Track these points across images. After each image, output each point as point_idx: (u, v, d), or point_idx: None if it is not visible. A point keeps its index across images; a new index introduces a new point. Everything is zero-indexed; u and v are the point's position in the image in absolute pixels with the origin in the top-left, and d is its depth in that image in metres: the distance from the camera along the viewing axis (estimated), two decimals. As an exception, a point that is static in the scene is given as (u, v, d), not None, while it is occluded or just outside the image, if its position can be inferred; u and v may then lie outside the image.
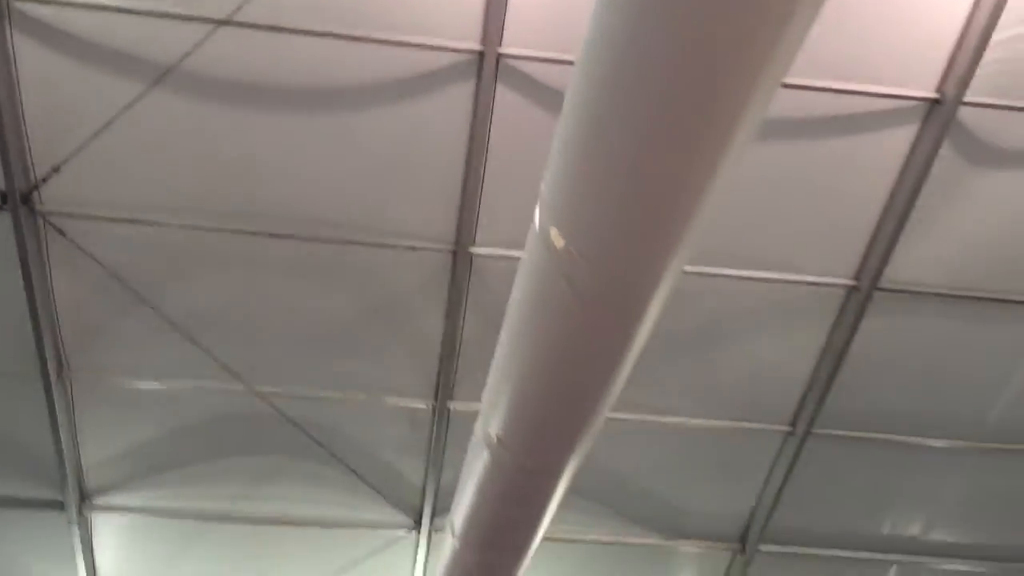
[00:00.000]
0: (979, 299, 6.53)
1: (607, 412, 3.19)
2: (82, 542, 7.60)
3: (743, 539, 7.99)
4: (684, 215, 2.27)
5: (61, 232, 5.95)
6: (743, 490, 7.76)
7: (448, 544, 4.44)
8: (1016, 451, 7.40)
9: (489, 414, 3.35)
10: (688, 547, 8.09)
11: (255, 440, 7.24)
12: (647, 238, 2.34)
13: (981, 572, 8.23)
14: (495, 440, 3.32)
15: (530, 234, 2.66)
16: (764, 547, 7.97)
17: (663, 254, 2.37)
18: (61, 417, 6.79)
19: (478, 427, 3.55)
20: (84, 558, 7.70)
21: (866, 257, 6.28)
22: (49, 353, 6.44)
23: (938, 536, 8.06)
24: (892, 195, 5.98)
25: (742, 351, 6.87)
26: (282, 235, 6.09)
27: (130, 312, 6.38)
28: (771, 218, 6.16)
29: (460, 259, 6.24)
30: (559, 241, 2.41)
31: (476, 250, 6.22)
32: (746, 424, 7.27)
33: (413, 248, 6.24)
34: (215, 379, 6.66)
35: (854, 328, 6.60)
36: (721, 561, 8.18)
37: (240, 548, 7.97)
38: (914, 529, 8.04)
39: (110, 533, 7.74)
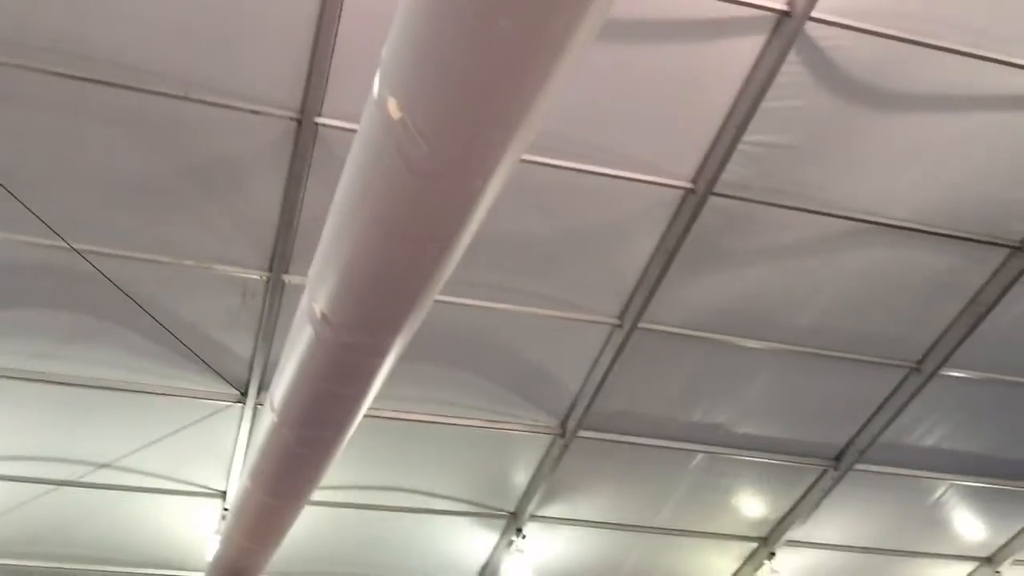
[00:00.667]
0: (802, 211, 6.86)
1: (437, 293, 3.17)
2: None
3: (564, 424, 8.33)
4: (527, 95, 2.21)
5: None
6: (567, 378, 8.05)
7: (267, 419, 4.38)
8: (821, 355, 7.96)
9: (315, 289, 3.26)
10: (511, 429, 8.37)
11: (71, 298, 6.89)
12: (488, 117, 2.27)
13: (777, 464, 8.93)
14: (319, 316, 3.25)
15: (368, 103, 2.55)
16: (583, 433, 8.34)
17: (503, 135, 2.32)
18: None
19: (303, 302, 3.46)
20: None
21: (705, 162, 6.46)
22: None
23: (742, 430, 8.66)
24: (735, 104, 6.12)
25: (577, 243, 7.01)
26: (114, 84, 5.66)
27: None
28: (616, 116, 6.19)
29: (305, 129, 6.01)
30: (396, 113, 2.32)
31: (322, 120, 6.00)
32: (575, 315, 7.48)
33: (256, 112, 5.95)
34: (29, 232, 6.25)
35: (687, 230, 6.83)
36: (542, 444, 8.52)
37: (52, 409, 7.67)
38: (721, 422, 8.60)
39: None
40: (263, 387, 7.44)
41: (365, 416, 5.21)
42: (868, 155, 6.53)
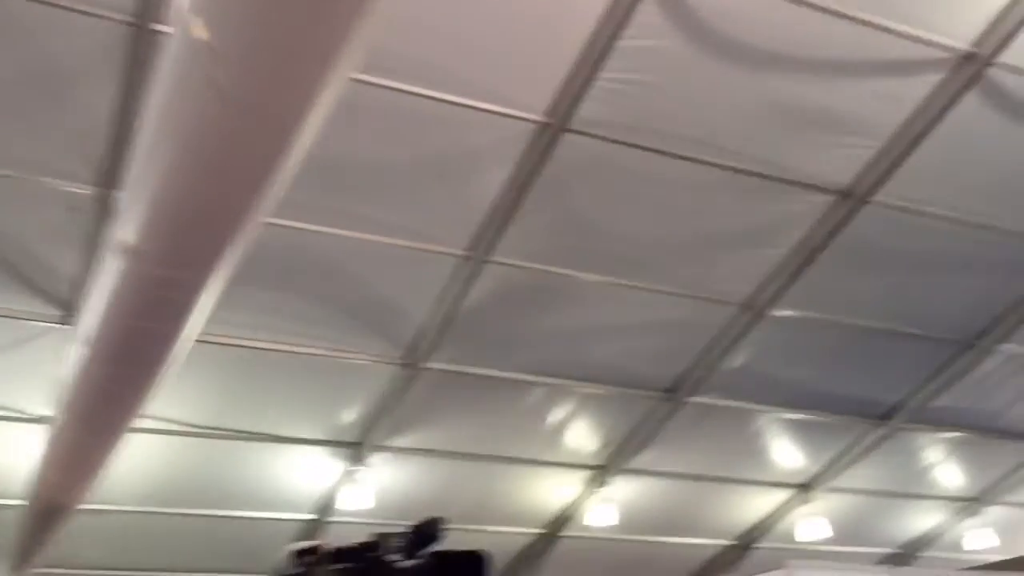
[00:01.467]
0: (660, 152, 6.93)
1: (262, 220, 3.00)
2: None
3: (411, 356, 8.30)
4: (347, 19, 2.03)
5: None
6: (415, 310, 7.99)
7: (78, 353, 4.12)
8: (660, 292, 8.19)
9: (125, 218, 3.04)
10: (357, 360, 8.27)
11: None
12: (305, 35, 2.10)
13: (616, 396, 9.21)
14: (129, 247, 3.03)
15: (172, 20, 2.33)
16: (430, 364, 8.33)
17: (323, 56, 2.16)
18: None
19: (114, 231, 3.23)
20: None
21: (560, 96, 6.43)
22: None
23: (584, 362, 8.85)
24: (593, 36, 6.09)
25: (427, 172, 6.91)
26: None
27: None
28: (471, 45, 6.05)
29: (143, 35, 5.60)
30: (202, 33, 2.12)
31: (162, 27, 5.60)
32: (424, 245, 7.40)
33: (86, 13, 5.50)
34: None
35: (540, 165, 6.83)
36: (387, 375, 8.47)
37: None
38: (563, 355, 8.76)
39: None
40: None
41: (204, 342, 5.01)
42: (720, 103, 6.65)
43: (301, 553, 2.27)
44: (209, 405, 8.39)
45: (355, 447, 9.14)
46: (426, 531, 2.41)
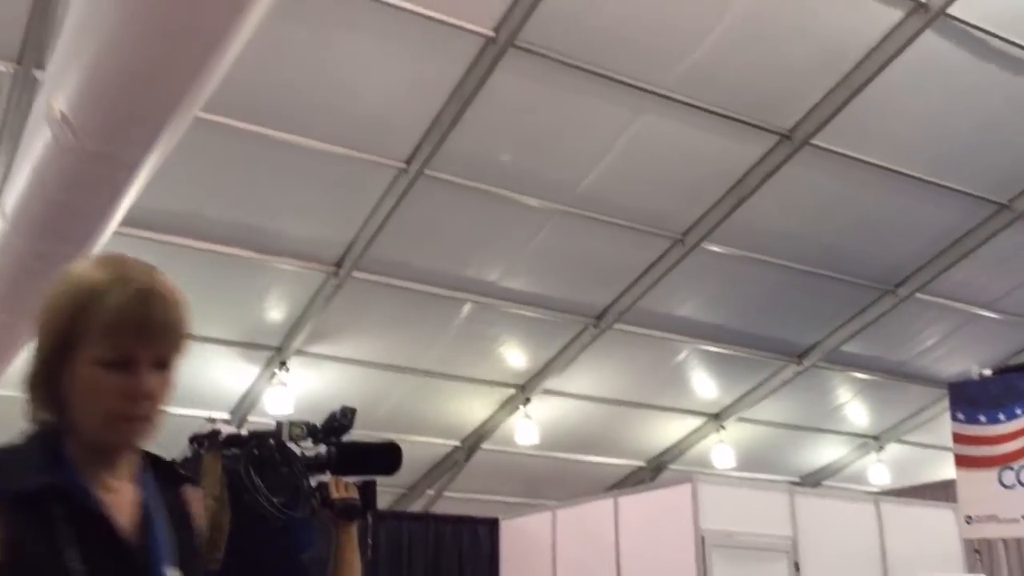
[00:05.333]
0: (597, 74, 6.88)
1: (201, 99, 2.84)
2: None
3: (339, 264, 8.19)
4: None
5: None
6: (347, 218, 7.86)
7: (-2, 227, 3.93)
8: (595, 219, 8.21)
9: (56, 85, 2.84)
10: (284, 264, 8.13)
11: None
12: None
13: (542, 318, 9.27)
14: (60, 117, 2.84)
15: None
16: (357, 274, 8.24)
17: None
18: None
19: (41, 98, 3.03)
20: None
21: (509, 12, 6.29)
22: None
23: (512, 284, 8.87)
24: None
25: (369, 80, 6.73)
26: None
27: None
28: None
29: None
30: None
31: None
32: (362, 155, 7.25)
33: None
34: None
35: (483, 79, 6.70)
36: (314, 282, 8.35)
37: None
38: (494, 275, 8.76)
39: None
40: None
41: (121, 234, 4.84)
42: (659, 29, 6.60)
43: (195, 439, 2.19)
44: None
45: (276, 351, 9.05)
46: (335, 421, 2.33)
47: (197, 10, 2.36)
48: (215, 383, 9.23)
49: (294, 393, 9.17)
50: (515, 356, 9.79)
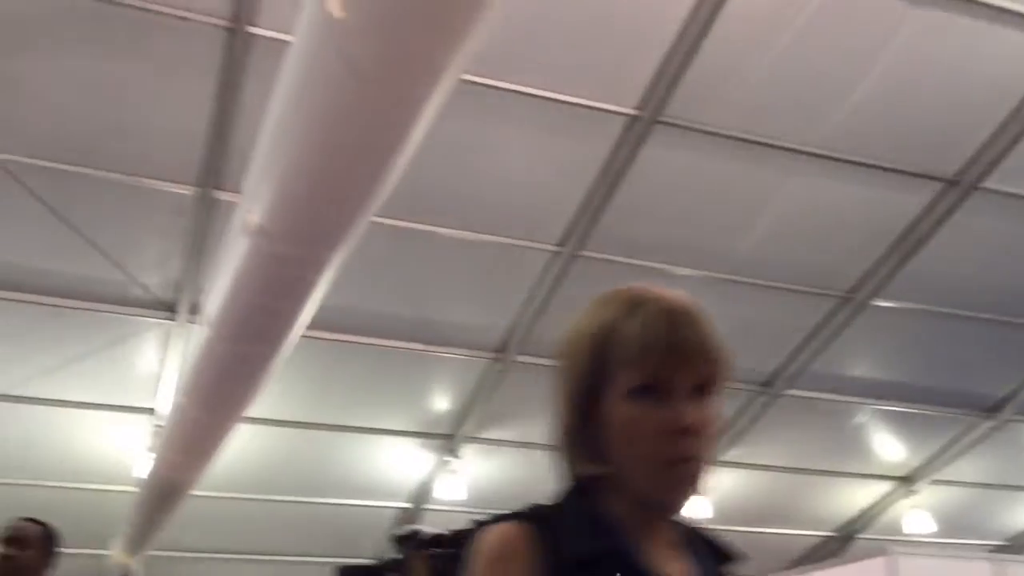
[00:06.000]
0: (743, 140, 6.84)
1: (377, 205, 3.06)
2: None
3: (501, 349, 8.32)
4: None
5: None
6: (505, 304, 8.01)
7: (200, 333, 4.26)
8: (754, 284, 8.04)
9: (251, 199, 3.13)
10: (449, 354, 8.34)
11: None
12: (437, 11, 2.13)
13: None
14: (256, 227, 3.13)
15: (305, 1, 2.39)
16: (521, 357, 8.35)
17: (452, 33, 2.18)
18: None
19: (239, 213, 3.33)
20: None
21: (652, 89, 6.37)
22: None
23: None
24: (683, 30, 6.01)
25: (517, 168, 6.92)
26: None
27: None
28: (560, 36, 6.05)
29: (238, 38, 5.74)
30: (338, 11, 2.17)
31: (256, 31, 5.73)
32: (516, 241, 7.42)
33: (184, 19, 5.66)
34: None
35: (630, 157, 6.77)
36: (478, 368, 8.52)
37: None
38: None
39: None
40: (192, 304, 7.26)
41: (301, 336, 5.10)
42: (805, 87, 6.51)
43: (401, 539, 2.26)
44: (302, 396, 8.56)
45: (448, 438, 9.23)
46: None
47: (371, 129, 2.57)
48: (392, 474, 9.48)
49: (465, 480, 9.30)
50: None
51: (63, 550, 4.15)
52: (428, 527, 2.44)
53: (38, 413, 8.25)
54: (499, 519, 1.41)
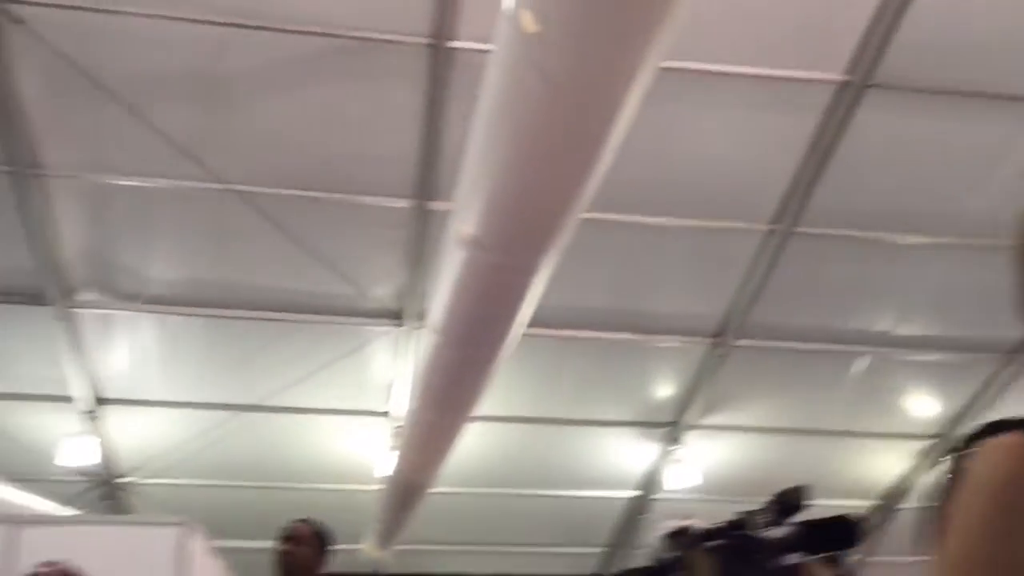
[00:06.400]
0: (969, 93, 6.38)
1: (583, 208, 3.13)
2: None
3: (719, 334, 8.19)
4: None
5: (19, 20, 5.65)
6: (720, 287, 7.88)
7: (428, 340, 4.53)
8: (987, 246, 7.45)
9: (463, 212, 3.30)
10: (666, 342, 8.30)
11: (232, 234, 7.22)
12: (625, 19, 2.17)
13: (948, 361, 8.53)
14: (469, 238, 3.29)
15: (501, 18, 2.49)
16: (740, 342, 8.18)
17: (642, 39, 2.21)
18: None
19: (453, 226, 3.51)
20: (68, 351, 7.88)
21: (860, 54, 6.07)
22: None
23: (907, 330, 8.28)
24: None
25: (720, 150, 6.79)
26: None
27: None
28: (760, 12, 5.89)
29: (440, 53, 5.99)
30: (531, 26, 2.25)
31: (455, 44, 5.95)
32: (728, 223, 7.28)
33: (389, 41, 5.97)
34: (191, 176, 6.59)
35: (842, 126, 6.48)
36: (697, 355, 8.42)
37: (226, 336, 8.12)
38: (885, 323, 8.25)
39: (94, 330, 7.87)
40: (417, 311, 7.63)
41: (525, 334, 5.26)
42: None
43: (673, 535, 2.33)
44: (531, 393, 8.78)
45: (671, 426, 9.19)
46: (790, 500, 2.37)
47: (571, 136, 2.65)
48: (617, 464, 9.55)
49: (699, 467, 9.23)
50: (924, 404, 9.07)
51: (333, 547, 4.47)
52: (696, 523, 2.49)
53: (288, 421, 8.94)
54: (1000, 427, 1.11)
